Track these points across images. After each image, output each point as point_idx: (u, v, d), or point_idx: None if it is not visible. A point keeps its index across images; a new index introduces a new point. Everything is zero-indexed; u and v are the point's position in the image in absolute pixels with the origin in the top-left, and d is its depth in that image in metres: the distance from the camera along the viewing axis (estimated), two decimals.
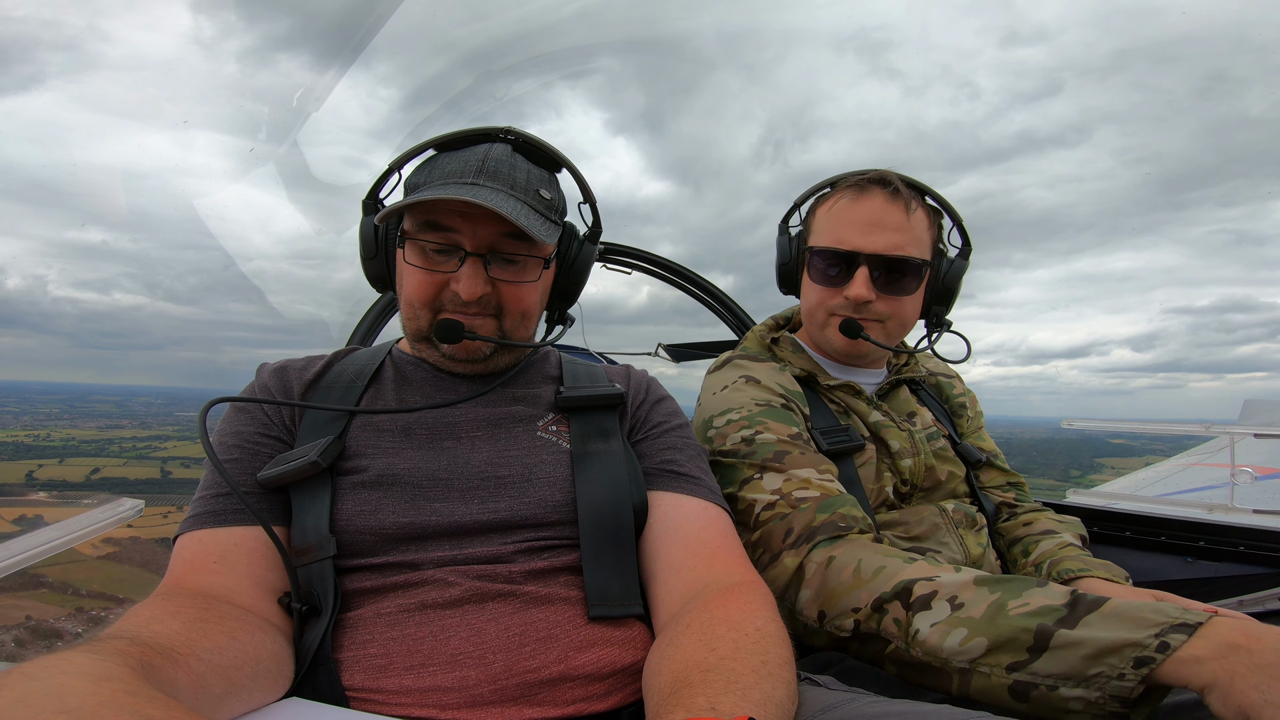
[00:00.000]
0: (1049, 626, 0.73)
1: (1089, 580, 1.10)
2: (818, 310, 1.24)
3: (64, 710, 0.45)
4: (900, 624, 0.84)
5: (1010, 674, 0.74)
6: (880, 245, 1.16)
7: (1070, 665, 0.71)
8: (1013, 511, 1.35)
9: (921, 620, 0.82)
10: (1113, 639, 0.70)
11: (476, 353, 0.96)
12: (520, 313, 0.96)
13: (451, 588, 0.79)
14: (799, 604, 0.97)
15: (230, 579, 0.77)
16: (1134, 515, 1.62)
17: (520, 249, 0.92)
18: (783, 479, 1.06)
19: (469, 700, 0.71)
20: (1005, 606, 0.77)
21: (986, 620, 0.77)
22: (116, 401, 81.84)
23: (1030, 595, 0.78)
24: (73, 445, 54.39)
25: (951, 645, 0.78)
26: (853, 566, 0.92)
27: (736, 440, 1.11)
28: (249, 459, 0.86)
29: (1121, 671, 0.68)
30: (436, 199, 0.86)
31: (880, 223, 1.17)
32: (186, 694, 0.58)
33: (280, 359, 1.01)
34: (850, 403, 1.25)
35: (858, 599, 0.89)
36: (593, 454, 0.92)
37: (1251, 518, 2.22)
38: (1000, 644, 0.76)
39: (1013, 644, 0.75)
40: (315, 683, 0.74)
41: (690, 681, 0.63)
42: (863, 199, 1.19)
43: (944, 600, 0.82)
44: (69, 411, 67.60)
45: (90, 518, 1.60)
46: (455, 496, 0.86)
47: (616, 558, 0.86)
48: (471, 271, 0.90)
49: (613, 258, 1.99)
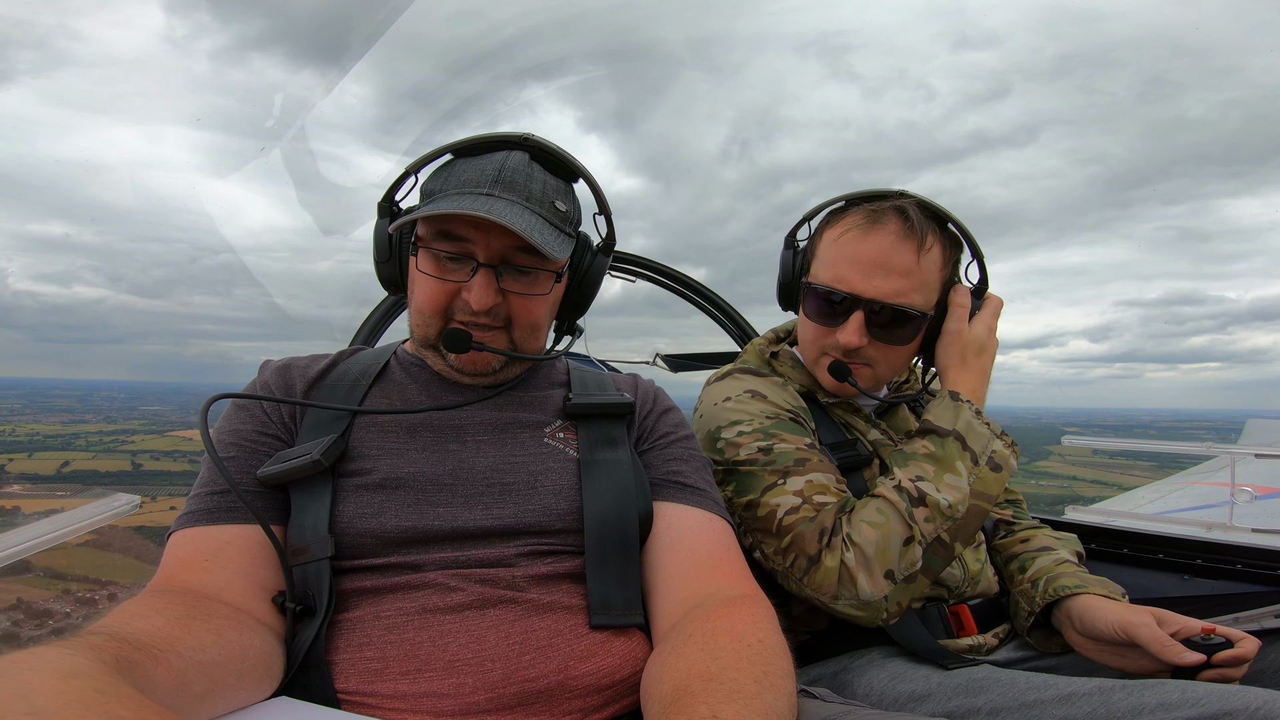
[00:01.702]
0: (951, 432, 1.10)
1: (1086, 596, 1.10)
2: (810, 346, 1.23)
3: (29, 711, 0.44)
4: (933, 509, 1.03)
5: (978, 465, 1.07)
6: (881, 291, 1.11)
7: (981, 431, 1.10)
8: (1010, 528, 1.35)
9: (936, 497, 1.04)
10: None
11: (485, 366, 0.95)
12: (530, 325, 0.95)
13: (453, 592, 0.78)
14: (863, 593, 1.02)
15: (223, 577, 0.77)
16: (1132, 533, 1.62)
17: (532, 262, 0.92)
18: (804, 481, 1.07)
19: (464, 708, 0.70)
20: (931, 450, 1.10)
21: (939, 468, 1.07)
22: (78, 396, 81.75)
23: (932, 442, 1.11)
24: (39, 440, 54.13)
25: (964, 485, 1.05)
26: (874, 533, 1.02)
27: (753, 450, 1.10)
28: (247, 457, 0.86)
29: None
30: (451, 213, 0.86)
31: (886, 265, 1.11)
32: (165, 691, 0.57)
33: (284, 356, 1.00)
34: (849, 420, 1.25)
35: (900, 534, 1.02)
36: (601, 462, 0.92)
37: (1250, 536, 2.22)
38: (960, 456, 1.08)
39: (960, 453, 1.08)
40: (306, 683, 0.73)
41: (692, 690, 0.63)
42: (873, 233, 1.12)
43: (913, 482, 1.06)
44: (30, 406, 67.53)
45: (86, 511, 1.61)
46: (459, 502, 0.85)
47: (621, 567, 0.85)
48: (483, 282, 0.90)
49: (619, 265, 1.99)
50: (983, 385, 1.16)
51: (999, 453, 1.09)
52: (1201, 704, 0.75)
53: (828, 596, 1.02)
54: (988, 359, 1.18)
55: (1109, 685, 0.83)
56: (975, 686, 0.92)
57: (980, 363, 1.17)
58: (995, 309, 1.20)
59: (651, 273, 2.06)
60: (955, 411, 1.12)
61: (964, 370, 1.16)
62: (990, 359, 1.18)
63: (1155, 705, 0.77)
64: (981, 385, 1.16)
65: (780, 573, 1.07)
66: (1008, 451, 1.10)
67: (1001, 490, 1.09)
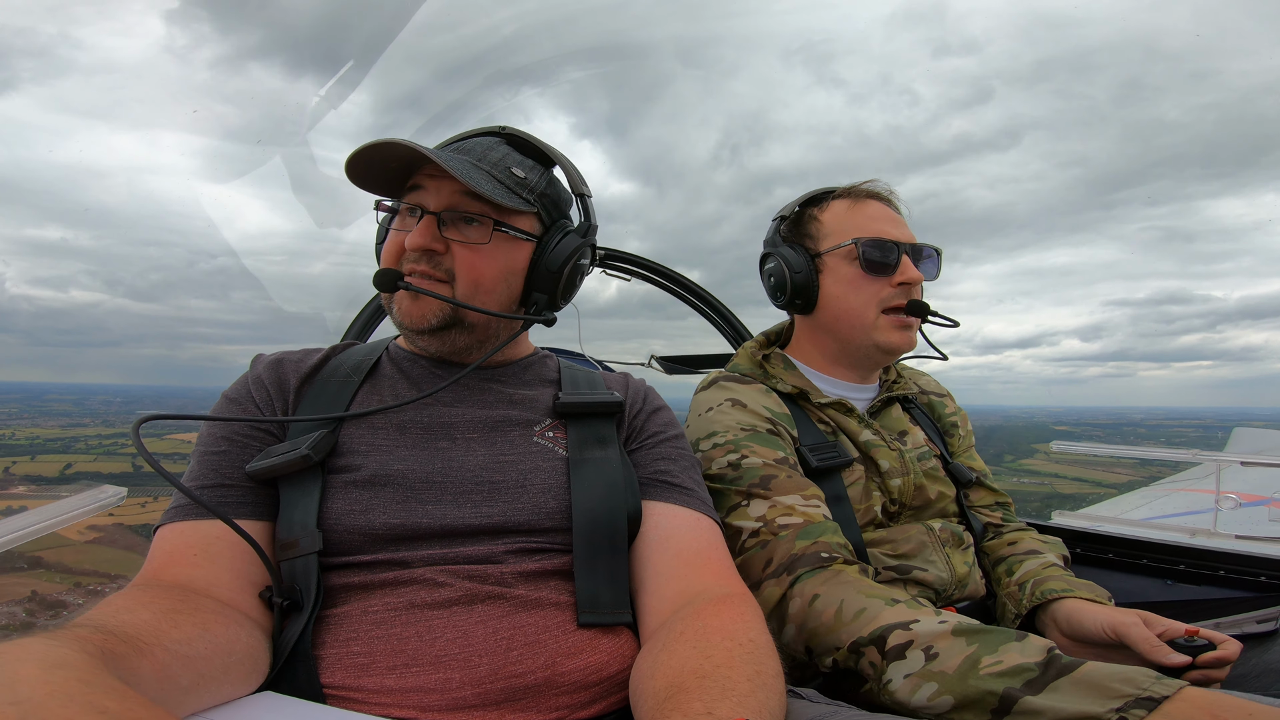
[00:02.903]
0: (1015, 692, 0.74)
1: (1073, 600, 1.11)
2: (867, 309, 1.23)
3: (13, 701, 0.44)
4: (876, 668, 0.85)
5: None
6: (909, 237, 1.25)
7: None
8: (998, 530, 1.36)
9: (895, 670, 0.83)
10: (1073, 711, 0.70)
11: (421, 319, 0.92)
12: (472, 280, 0.92)
13: (441, 588, 0.78)
14: (784, 639, 0.98)
15: (211, 571, 0.76)
16: (1117, 537, 1.64)
17: (478, 209, 0.92)
18: (767, 505, 1.06)
19: (451, 703, 0.70)
20: (979, 663, 0.78)
21: (958, 677, 0.78)
22: (74, 400, 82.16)
23: (1006, 652, 0.78)
24: (39, 444, 54.47)
25: (920, 700, 0.80)
26: (835, 608, 0.92)
27: (723, 465, 1.12)
28: (238, 451, 0.86)
29: None
30: (371, 145, 0.86)
31: (896, 220, 1.26)
32: (150, 683, 0.57)
33: (277, 351, 1.00)
34: (841, 421, 1.25)
35: (838, 639, 0.90)
36: (589, 461, 0.92)
37: (1233, 543, 2.25)
38: (966, 703, 0.76)
39: (978, 705, 0.76)
40: (293, 678, 0.73)
41: (686, 687, 0.63)
42: (868, 203, 1.27)
43: (919, 650, 0.82)
44: (29, 410, 67.98)
45: (74, 503, 1.60)
46: (448, 500, 0.85)
47: (609, 566, 0.85)
48: (422, 225, 0.90)
49: (613, 264, 1.99)
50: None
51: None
52: None
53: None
54: None
55: None
56: None
57: None
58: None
59: (648, 272, 2.06)
60: (1102, 697, 0.71)
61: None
62: None
63: None
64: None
65: None
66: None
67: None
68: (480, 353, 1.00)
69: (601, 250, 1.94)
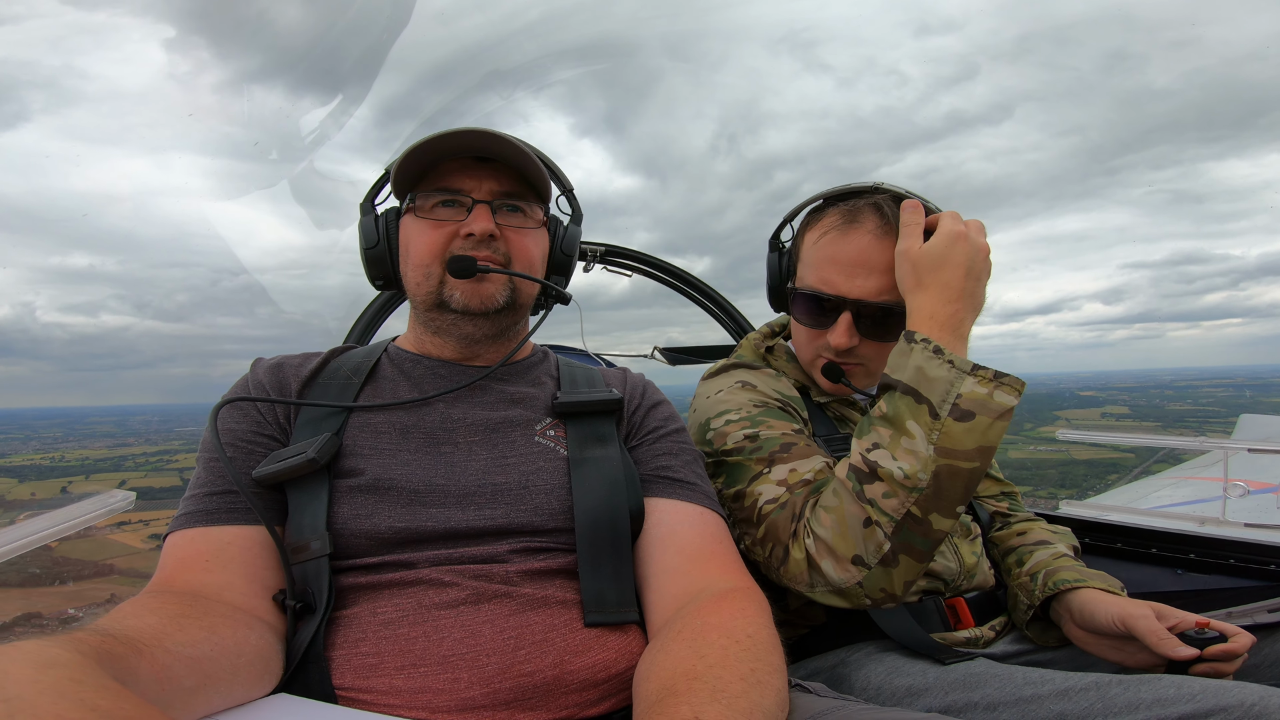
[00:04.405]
0: (899, 386, 0.95)
1: (1086, 590, 1.10)
2: (804, 348, 1.22)
3: (4, 699, 0.44)
4: (888, 482, 0.93)
5: (938, 419, 0.91)
6: (865, 290, 1.09)
7: (937, 374, 0.93)
8: (1006, 521, 1.36)
9: (890, 466, 0.93)
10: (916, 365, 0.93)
11: (491, 300, 0.96)
12: (527, 262, 0.98)
13: (448, 588, 0.78)
14: (834, 580, 0.97)
15: (224, 577, 0.77)
16: (1125, 527, 1.63)
17: (525, 197, 0.98)
18: (788, 469, 1.05)
19: (460, 703, 0.70)
20: (883, 411, 0.97)
21: (894, 430, 0.94)
22: (115, 421, 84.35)
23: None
24: (90, 464, 56.01)
25: (923, 449, 0.92)
26: (829, 518, 0.97)
27: (739, 439, 1.10)
28: (244, 457, 0.86)
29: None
30: (450, 133, 0.91)
31: (867, 264, 1.09)
32: (149, 684, 0.57)
33: (275, 355, 1.00)
34: (846, 413, 1.25)
35: (856, 517, 0.94)
36: (590, 460, 0.92)
37: (1243, 531, 2.23)
38: (914, 412, 0.93)
39: (915, 408, 0.93)
40: (306, 680, 0.74)
41: (676, 690, 0.63)
42: (852, 233, 1.10)
43: (870, 452, 0.95)
44: (73, 434, 70.02)
45: (85, 507, 1.60)
46: (452, 503, 0.85)
47: (613, 564, 0.85)
48: (482, 213, 0.94)
49: (613, 260, 1.99)
50: (949, 303, 0.96)
51: (968, 395, 0.91)
52: (1197, 699, 0.76)
53: (804, 585, 1.00)
54: (952, 271, 0.97)
55: (1105, 680, 0.83)
56: (972, 681, 0.92)
57: (940, 277, 0.97)
58: (951, 217, 1.02)
59: (647, 267, 2.05)
60: (905, 356, 0.96)
61: (920, 293, 0.99)
62: (958, 271, 0.97)
63: (1151, 700, 0.78)
64: (946, 304, 0.96)
65: (762, 564, 1.05)
66: (985, 390, 0.91)
67: (988, 440, 0.91)
68: (495, 347, 1.03)
69: (602, 247, 1.94)
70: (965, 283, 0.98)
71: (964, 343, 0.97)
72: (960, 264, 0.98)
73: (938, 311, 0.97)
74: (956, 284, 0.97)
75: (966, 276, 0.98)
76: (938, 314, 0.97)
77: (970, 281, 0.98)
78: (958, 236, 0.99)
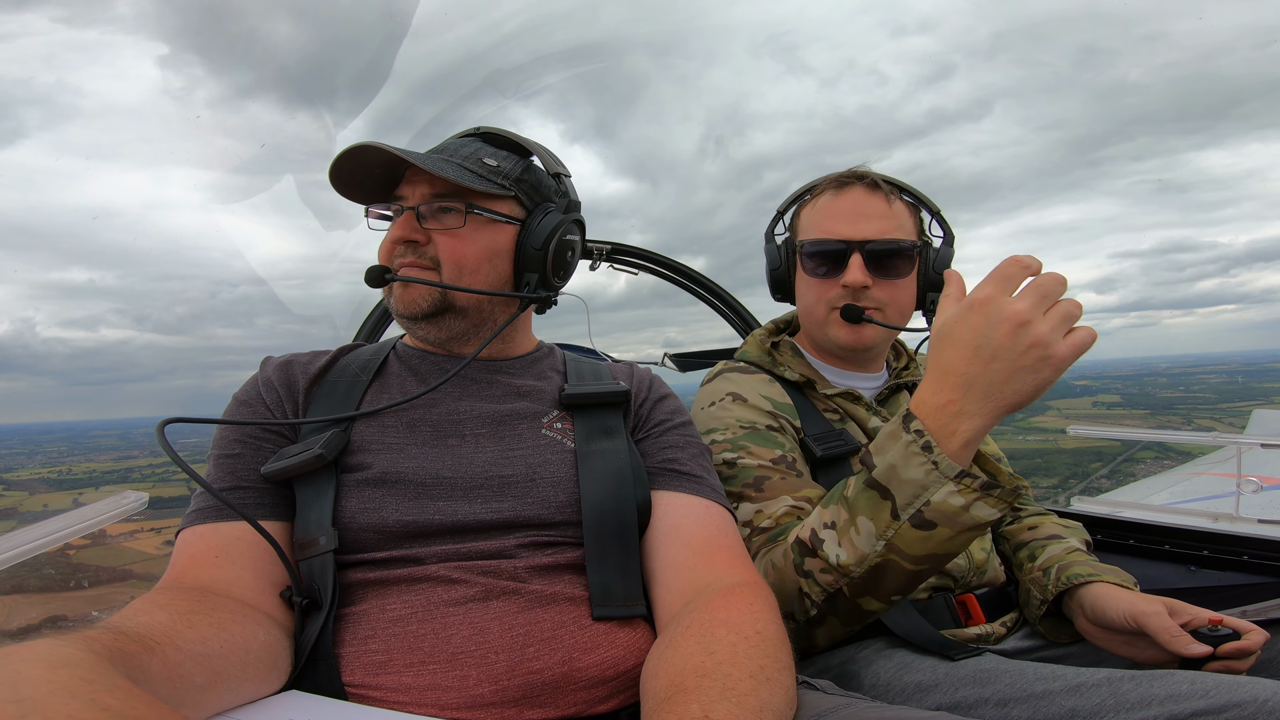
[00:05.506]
0: (870, 474, 0.87)
1: (1098, 585, 1.09)
2: (817, 306, 1.24)
3: (15, 699, 0.44)
4: (825, 562, 0.91)
5: (898, 520, 0.84)
6: (869, 232, 1.18)
7: (911, 476, 0.83)
8: (1016, 515, 1.35)
9: (830, 550, 0.91)
10: (892, 448, 0.85)
11: (414, 306, 0.96)
12: (455, 263, 0.95)
13: (456, 585, 0.79)
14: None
15: (232, 572, 0.77)
16: (1138, 523, 1.61)
17: (450, 200, 0.97)
18: (755, 509, 1.08)
19: (468, 700, 0.70)
20: (849, 493, 0.90)
21: (850, 517, 0.89)
22: (119, 434, 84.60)
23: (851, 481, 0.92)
24: (97, 476, 56.32)
25: (866, 546, 0.87)
26: (775, 575, 0.99)
27: (719, 462, 1.13)
28: (252, 454, 0.87)
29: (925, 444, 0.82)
30: (346, 153, 0.92)
31: (864, 212, 1.20)
32: (160, 681, 0.57)
33: (285, 353, 1.01)
34: (849, 409, 1.25)
35: (793, 584, 0.96)
36: (597, 452, 0.92)
37: (1256, 527, 2.21)
38: (873, 507, 0.86)
39: (877, 504, 0.86)
40: (315, 677, 0.74)
41: (685, 687, 0.62)
42: (844, 194, 1.23)
43: (823, 529, 0.92)
44: (77, 448, 70.19)
45: (99, 508, 1.62)
46: (459, 495, 0.85)
47: (621, 557, 0.85)
48: (401, 219, 0.97)
49: (619, 258, 1.99)
50: (940, 392, 0.82)
51: (937, 505, 0.81)
52: (1210, 695, 0.75)
53: None
54: (953, 351, 0.81)
55: (1118, 676, 0.82)
56: (983, 677, 0.91)
57: (938, 359, 0.83)
58: (954, 284, 0.86)
59: (653, 264, 2.05)
60: (893, 440, 0.86)
61: (926, 372, 0.86)
62: (960, 351, 0.80)
63: (1164, 696, 0.77)
64: (938, 392, 0.82)
65: None
66: (961, 500, 0.81)
67: (945, 549, 0.84)
68: (479, 339, 1.01)
69: (608, 245, 1.94)
70: (969, 366, 0.79)
71: (962, 438, 0.81)
72: (965, 342, 0.80)
73: (928, 399, 0.84)
74: (957, 367, 0.80)
75: (973, 358, 0.79)
76: (927, 402, 0.84)
77: (978, 365, 0.78)
78: (972, 305, 0.80)
